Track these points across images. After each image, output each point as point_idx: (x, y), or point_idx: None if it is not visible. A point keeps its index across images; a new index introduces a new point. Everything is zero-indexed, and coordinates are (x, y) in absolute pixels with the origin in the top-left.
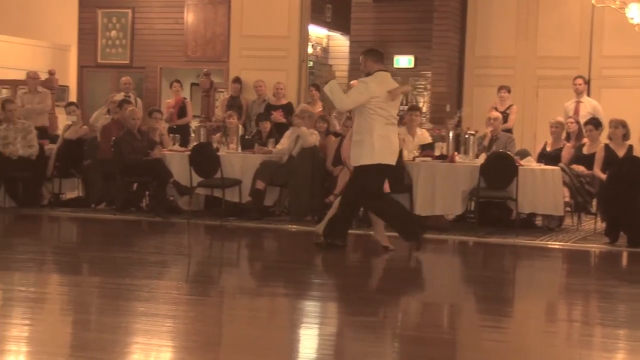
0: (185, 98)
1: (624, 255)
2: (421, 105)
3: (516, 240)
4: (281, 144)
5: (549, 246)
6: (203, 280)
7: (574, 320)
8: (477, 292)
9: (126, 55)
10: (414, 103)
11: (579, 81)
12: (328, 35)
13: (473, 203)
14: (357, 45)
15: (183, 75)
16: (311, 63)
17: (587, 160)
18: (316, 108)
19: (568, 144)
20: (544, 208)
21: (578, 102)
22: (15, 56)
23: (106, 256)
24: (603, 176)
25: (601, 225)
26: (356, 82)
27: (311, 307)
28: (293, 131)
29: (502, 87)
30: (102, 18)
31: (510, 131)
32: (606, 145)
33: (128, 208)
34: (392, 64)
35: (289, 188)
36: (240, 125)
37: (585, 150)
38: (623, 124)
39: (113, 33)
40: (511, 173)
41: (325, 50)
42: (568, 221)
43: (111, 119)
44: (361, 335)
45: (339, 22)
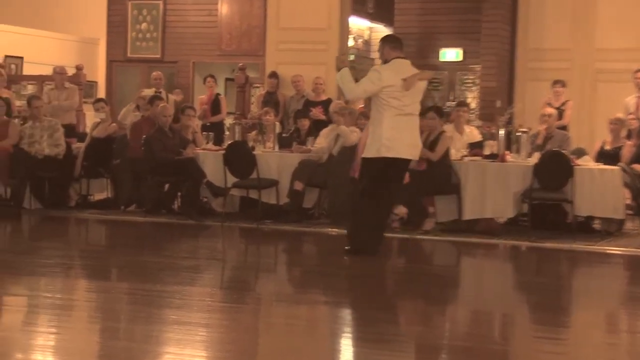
0: (219, 94)
1: None
2: (470, 101)
3: (572, 245)
4: (318, 143)
5: (608, 252)
6: (238, 286)
7: (636, 331)
8: (531, 301)
9: (157, 49)
10: (462, 99)
11: None
12: (370, 27)
13: (526, 205)
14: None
15: (217, 70)
16: (352, 56)
17: None
18: (357, 104)
19: (629, 142)
20: (603, 211)
21: (639, 98)
22: (41, 50)
23: (136, 261)
24: None
25: None
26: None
27: (352, 316)
28: (332, 129)
29: (557, 82)
30: (132, 10)
31: (565, 128)
32: None
33: (159, 210)
34: (438, 57)
35: (329, 189)
36: (277, 122)
37: None
38: None
39: (144, 26)
40: (567, 173)
41: (367, 43)
42: (629, 225)
43: (141, 116)
44: (406, 346)
45: (382, 13)
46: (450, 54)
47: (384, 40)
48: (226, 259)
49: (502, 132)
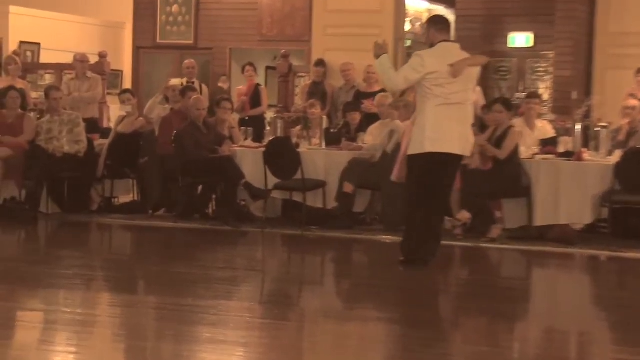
0: (259, 84)
1: None
2: (542, 92)
3: None
4: (369, 141)
5: None
6: (280, 301)
7: None
8: (611, 318)
9: (190, 34)
10: (533, 89)
11: None
12: (429, 9)
13: (605, 210)
14: (464, 20)
15: (257, 57)
16: (409, 42)
17: None
18: (413, 96)
19: None
20: None
21: None
22: (60, 36)
23: (165, 272)
24: None
25: None
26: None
27: (409, 335)
28: (386, 124)
29: None
30: None
31: None
32: None
33: (191, 215)
34: (506, 43)
35: (383, 191)
36: (324, 116)
37: None
38: None
39: (175, 8)
40: None
41: None
42: None
43: (171, 109)
44: None
45: None
46: (519, 39)
47: (430, 22)
48: (266, 270)
49: (579, 127)
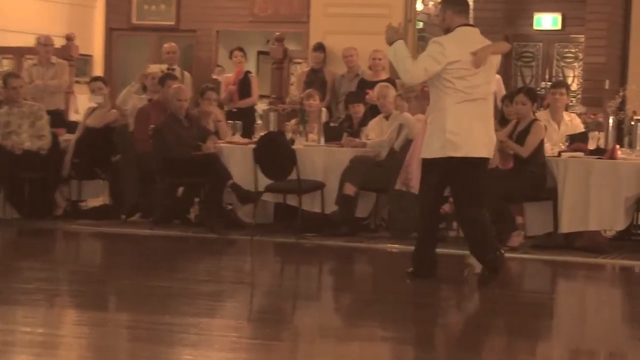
0: (249, 72)
1: None
2: (570, 81)
3: None
4: (373, 136)
5: None
6: (271, 318)
7: None
8: None
9: (171, 14)
10: (561, 78)
11: None
12: None
13: None
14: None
15: (248, 41)
16: (421, 24)
17: None
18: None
19: None
20: None
21: None
22: (21, 16)
23: (140, 285)
24: None
25: None
26: None
27: (419, 355)
28: (394, 117)
29: None
30: None
31: None
32: None
33: (171, 220)
34: (532, 25)
35: (390, 194)
36: (323, 108)
37: None
38: None
39: None
40: None
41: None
42: None
43: (148, 100)
44: None
45: None
46: (546, 21)
47: (446, 3)
48: (256, 283)
49: (612, 121)
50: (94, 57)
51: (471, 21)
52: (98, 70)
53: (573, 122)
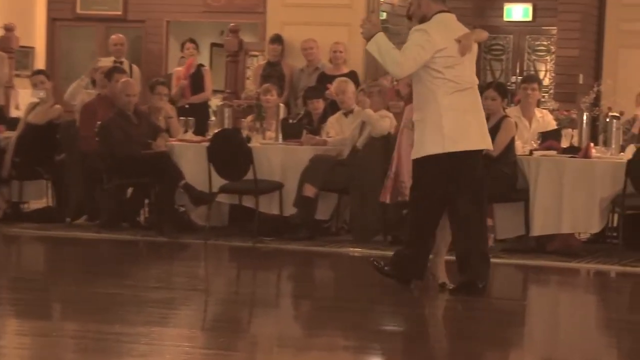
0: (202, 65)
1: None
2: (542, 75)
3: None
4: (333, 134)
5: None
6: (227, 327)
7: None
8: (622, 346)
9: (118, 3)
10: (532, 72)
11: None
12: None
13: (616, 217)
14: None
15: (200, 32)
16: (384, 15)
17: None
18: (390, 79)
19: None
20: None
21: None
22: None
23: (87, 292)
24: None
25: None
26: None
27: None
28: (356, 114)
29: None
30: None
31: None
32: None
33: (119, 223)
34: (502, 16)
35: (352, 195)
36: (281, 104)
37: None
38: None
39: None
40: None
41: None
42: None
43: (97, 95)
44: None
45: None
46: (517, 12)
47: None
48: (210, 290)
49: (586, 118)
50: (36, 49)
51: None
52: (40, 63)
53: (545, 119)
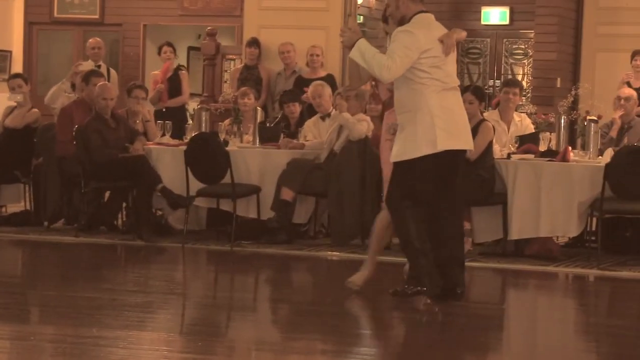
0: (179, 68)
1: None
2: (520, 78)
3: None
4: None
5: None
6: (205, 330)
7: None
8: (601, 350)
9: (95, 7)
10: (510, 76)
11: None
12: None
13: (595, 221)
14: None
15: (177, 36)
16: (361, 18)
17: None
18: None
19: None
20: None
21: None
22: None
23: (64, 296)
24: None
25: None
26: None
27: None
28: (333, 117)
29: (639, 53)
30: None
31: None
32: None
33: (97, 227)
34: (479, 20)
35: (330, 198)
36: (258, 107)
37: None
38: None
39: None
40: None
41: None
42: None
43: (73, 100)
44: None
45: None
46: (494, 15)
47: None
48: (188, 294)
49: (564, 121)
50: (13, 53)
51: None
52: (17, 66)
53: (523, 123)
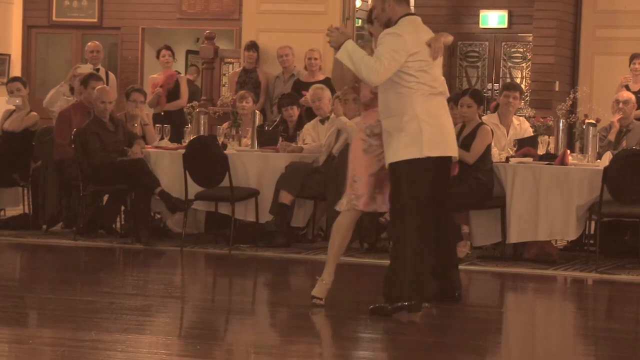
0: (178, 72)
1: None
2: (518, 81)
3: None
4: (309, 141)
5: None
6: (203, 334)
7: None
8: (600, 354)
9: (93, 10)
10: (509, 79)
11: None
12: None
13: (593, 224)
14: None
15: (176, 39)
16: (359, 22)
17: None
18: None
19: None
20: None
21: None
22: None
23: (63, 300)
24: None
25: None
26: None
27: None
28: (331, 121)
29: (637, 56)
30: None
31: None
32: None
33: (95, 230)
34: (478, 23)
35: (328, 202)
36: (257, 111)
37: None
38: None
39: None
40: None
41: None
42: None
43: (72, 103)
44: None
45: None
46: (492, 19)
47: None
48: (186, 297)
49: (562, 125)
50: (12, 57)
51: None
52: (16, 70)
53: (522, 126)
